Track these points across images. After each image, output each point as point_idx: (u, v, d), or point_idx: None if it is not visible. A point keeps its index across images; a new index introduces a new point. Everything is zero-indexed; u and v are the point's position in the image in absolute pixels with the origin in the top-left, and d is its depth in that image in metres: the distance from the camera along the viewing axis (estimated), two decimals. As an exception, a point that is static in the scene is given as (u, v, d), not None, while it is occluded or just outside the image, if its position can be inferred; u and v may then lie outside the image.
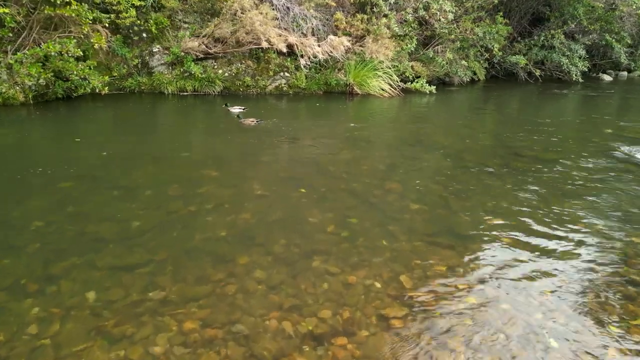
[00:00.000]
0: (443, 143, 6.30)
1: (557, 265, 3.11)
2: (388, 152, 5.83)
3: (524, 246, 3.37)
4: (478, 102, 10.48)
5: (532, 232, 3.60)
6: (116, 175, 4.61)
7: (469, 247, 3.33)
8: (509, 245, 3.37)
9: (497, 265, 3.09)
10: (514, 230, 3.61)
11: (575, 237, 3.55)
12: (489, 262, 3.13)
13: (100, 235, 3.36)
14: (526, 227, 3.69)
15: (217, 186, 4.38)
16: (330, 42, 9.68)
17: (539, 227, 3.68)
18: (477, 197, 4.29)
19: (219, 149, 5.79)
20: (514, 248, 3.33)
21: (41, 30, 7.74)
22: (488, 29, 11.82)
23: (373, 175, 4.88)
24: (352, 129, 7.30)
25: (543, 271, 3.04)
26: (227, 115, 7.62)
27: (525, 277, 2.96)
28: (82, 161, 5.08)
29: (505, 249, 3.32)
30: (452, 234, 3.53)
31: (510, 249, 3.32)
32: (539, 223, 3.76)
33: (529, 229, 3.65)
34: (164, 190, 4.23)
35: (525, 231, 3.61)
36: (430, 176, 4.87)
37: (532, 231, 3.61)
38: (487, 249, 3.33)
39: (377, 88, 10.12)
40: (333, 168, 5.08)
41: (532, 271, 3.03)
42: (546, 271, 3.04)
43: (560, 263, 3.15)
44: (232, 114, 7.51)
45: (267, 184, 4.49)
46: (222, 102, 8.54)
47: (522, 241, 3.44)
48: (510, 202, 4.21)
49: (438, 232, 3.54)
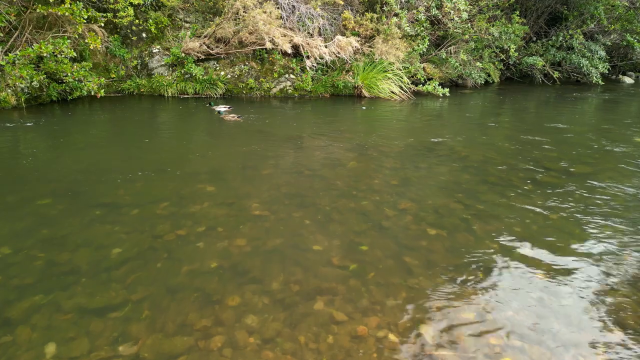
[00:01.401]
0: (460, 153, 5.80)
1: (615, 318, 2.62)
2: (400, 163, 5.34)
3: (563, 282, 2.87)
4: (494, 106, 9.94)
5: (572, 265, 3.10)
6: (101, 191, 4.19)
7: (499, 286, 2.84)
8: (546, 283, 2.87)
9: (534, 312, 2.60)
10: (549, 262, 3.12)
11: (627, 271, 3.05)
12: (523, 307, 2.64)
13: (74, 265, 2.94)
14: (563, 257, 3.19)
15: (211, 204, 3.94)
16: (338, 43, 9.20)
17: (580, 260, 3.18)
18: (502, 220, 3.80)
19: (217, 158, 5.35)
20: (551, 285, 2.84)
21: (34, 30, 7.37)
22: (504, 29, 11.25)
23: (385, 191, 4.41)
24: (361, 135, 6.82)
25: (597, 323, 2.54)
26: (213, 113, 7.77)
27: (571, 329, 2.47)
28: (67, 173, 4.67)
29: (542, 288, 2.83)
30: (478, 267, 3.05)
31: (548, 287, 2.83)
32: (578, 254, 3.26)
33: (566, 260, 3.15)
34: (152, 209, 3.80)
35: (563, 263, 3.11)
36: (449, 193, 4.38)
37: (572, 264, 3.11)
38: (520, 288, 2.84)
39: (387, 91, 9.63)
40: (340, 182, 4.61)
41: (581, 324, 2.54)
42: (602, 323, 2.55)
43: (618, 315, 2.65)
44: (216, 112, 7.73)
45: (267, 202, 4.04)
46: (224, 104, 8.12)
47: (560, 277, 2.95)
48: (541, 225, 3.71)
49: (462, 266, 3.06)
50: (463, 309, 2.58)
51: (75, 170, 4.75)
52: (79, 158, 5.20)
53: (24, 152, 5.46)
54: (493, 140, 6.54)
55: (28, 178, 4.48)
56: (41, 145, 5.83)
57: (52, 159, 5.24)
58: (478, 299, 2.69)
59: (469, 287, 2.82)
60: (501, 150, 5.97)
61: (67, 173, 4.68)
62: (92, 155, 5.32)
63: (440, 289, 2.78)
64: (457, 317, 2.51)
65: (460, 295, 2.72)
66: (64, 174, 4.67)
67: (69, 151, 5.56)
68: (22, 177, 4.52)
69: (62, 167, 4.91)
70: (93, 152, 5.47)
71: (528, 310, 2.61)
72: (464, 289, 2.79)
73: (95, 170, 4.75)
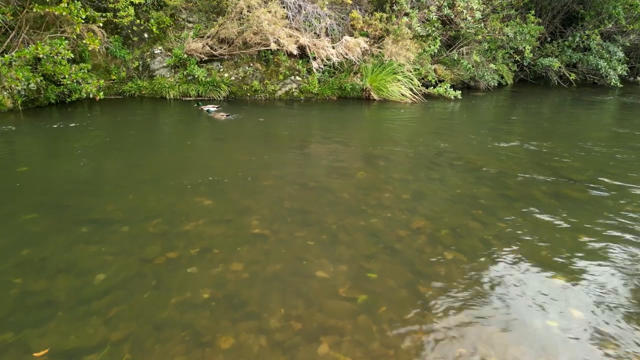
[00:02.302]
0: (475, 162, 5.44)
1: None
2: (412, 174, 5.00)
3: (605, 321, 2.52)
4: (509, 110, 9.53)
5: (614, 300, 2.74)
6: (91, 204, 3.90)
7: (530, 332, 2.49)
8: (584, 324, 2.52)
9: (573, 357, 2.25)
10: (587, 296, 2.76)
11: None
12: (562, 352, 2.29)
13: (51, 295, 2.64)
14: (602, 287, 2.83)
15: (207, 221, 3.63)
16: (346, 43, 8.87)
17: (622, 287, 2.82)
18: (527, 241, 3.44)
19: (217, 167, 5.05)
20: (592, 324, 2.48)
21: (31, 31, 7.13)
22: (519, 29, 10.82)
23: (396, 206, 4.07)
24: (370, 141, 6.49)
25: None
26: (201, 113, 7.73)
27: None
28: (59, 182, 4.39)
29: (581, 329, 2.47)
30: (503, 304, 2.70)
31: (587, 329, 2.47)
32: (618, 282, 2.89)
33: (607, 292, 2.79)
34: (144, 227, 3.50)
35: (602, 295, 2.75)
36: (465, 209, 4.03)
37: (612, 297, 2.75)
38: (557, 330, 2.48)
39: (397, 93, 9.27)
40: (348, 195, 4.28)
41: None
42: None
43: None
44: (205, 111, 7.76)
45: (268, 218, 3.72)
46: (228, 107, 7.83)
47: (603, 314, 2.59)
48: (571, 248, 3.35)
49: (485, 301, 2.71)
50: (490, 357, 2.24)
51: (67, 180, 4.47)
52: (73, 166, 4.92)
53: (17, 158, 5.20)
54: (509, 148, 6.16)
55: (17, 188, 4.21)
56: (35, 151, 5.57)
57: (45, 166, 4.97)
58: (507, 347, 2.34)
59: (496, 329, 2.47)
60: (519, 159, 5.60)
61: (59, 183, 4.41)
62: (87, 162, 5.04)
63: (462, 331, 2.44)
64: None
65: (486, 339, 2.38)
66: (55, 183, 4.39)
67: (64, 158, 5.29)
68: (12, 187, 4.24)
69: (55, 175, 4.64)
70: (88, 159, 5.19)
71: (567, 356, 2.26)
72: (490, 332, 2.45)
73: (88, 180, 4.47)
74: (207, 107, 7.81)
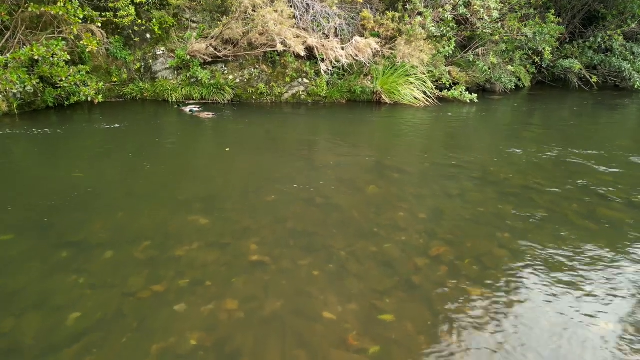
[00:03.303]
0: (497, 174, 5.00)
1: None
2: (428, 188, 4.58)
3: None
4: (528, 115, 9.04)
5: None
6: (77, 223, 3.56)
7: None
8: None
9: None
10: (639, 349, 2.33)
11: None
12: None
13: (16, 339, 2.29)
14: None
15: (201, 244, 3.26)
16: (356, 44, 8.45)
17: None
18: (565, 273, 3.01)
19: (217, 179, 4.68)
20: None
21: (27, 31, 6.84)
22: (539, 29, 10.30)
23: (412, 227, 3.66)
24: (381, 149, 6.08)
25: None
26: (181, 115, 7.53)
27: None
28: (46, 195, 4.06)
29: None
30: (539, 356, 2.28)
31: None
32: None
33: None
34: (130, 252, 3.14)
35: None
36: (490, 232, 3.61)
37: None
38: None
39: (409, 96, 8.84)
40: (358, 214, 3.88)
41: None
42: None
43: None
44: (185, 112, 7.60)
45: (268, 242, 3.34)
46: (232, 111, 7.48)
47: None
48: (619, 284, 2.91)
49: (523, 352, 2.29)
50: None
51: (57, 192, 4.13)
52: (66, 175, 4.60)
53: (5, 167, 4.89)
54: (532, 158, 5.70)
55: (1, 203, 3.89)
56: (27, 158, 5.27)
57: (35, 176, 4.64)
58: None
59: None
60: (544, 171, 5.14)
61: (46, 196, 4.07)
62: (81, 171, 4.71)
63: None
64: None
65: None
66: (42, 196, 4.05)
67: (56, 167, 4.97)
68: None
69: (45, 187, 4.30)
70: (83, 167, 4.87)
71: None
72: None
73: (80, 193, 4.13)
74: (190, 108, 7.72)
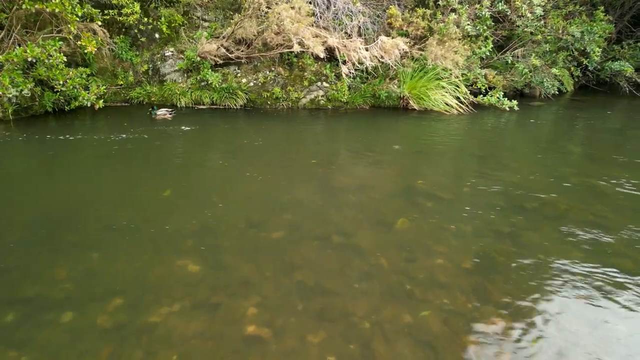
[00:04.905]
0: (554, 205, 4.11)
1: None
2: (471, 224, 3.74)
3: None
4: (576, 125, 8.00)
5: None
6: (39, 266, 2.90)
7: None
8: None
9: None
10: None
11: None
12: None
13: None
14: None
15: (185, 305, 2.54)
16: (382, 45, 7.63)
17: None
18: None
19: (216, 205, 3.96)
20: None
21: (23, 30, 6.31)
22: (587, 28, 9.20)
23: (456, 284, 2.84)
24: (410, 167, 5.26)
25: None
26: (154, 123, 6.80)
27: None
28: (11, 227, 3.42)
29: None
30: None
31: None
32: None
33: None
34: (93, 315, 2.45)
35: None
36: (563, 296, 2.75)
37: None
38: None
39: (441, 103, 7.95)
40: (386, 262, 3.08)
41: None
42: None
43: None
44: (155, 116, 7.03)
45: (271, 303, 2.59)
46: (244, 117, 6.78)
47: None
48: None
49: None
50: None
51: (27, 222, 3.50)
52: (46, 196, 3.97)
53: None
54: (591, 181, 4.77)
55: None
56: (9, 173, 4.68)
57: (11, 197, 4.04)
58: None
59: None
60: (610, 201, 4.21)
61: (15, 226, 3.44)
62: (65, 192, 4.10)
63: None
64: None
65: None
66: (10, 227, 3.42)
67: (39, 184, 4.35)
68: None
69: (15, 214, 3.68)
70: (68, 187, 4.26)
71: None
72: None
73: (54, 223, 3.49)
74: (161, 110, 7.08)
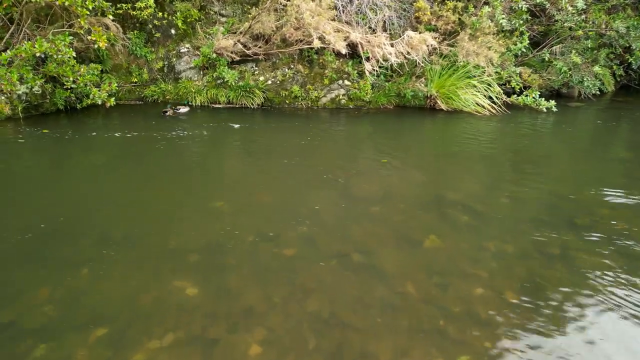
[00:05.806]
0: (608, 222, 3.55)
1: None
2: (513, 243, 3.23)
3: None
4: (623, 128, 7.29)
5: None
6: (20, 285, 2.58)
7: None
8: None
9: None
10: None
11: None
12: None
13: None
14: None
15: (178, 339, 2.18)
16: (408, 40, 7.12)
17: None
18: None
19: (225, 216, 3.58)
20: None
21: (34, 25, 6.11)
22: (633, 23, 8.41)
23: (499, 322, 2.36)
24: (439, 174, 4.76)
25: None
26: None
27: None
28: (3, 238, 3.13)
29: None
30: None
31: None
32: None
33: None
34: (71, 348, 2.11)
35: None
36: (622, 329, 2.23)
37: None
38: None
39: (472, 103, 7.37)
40: (414, 290, 2.62)
41: None
42: None
43: None
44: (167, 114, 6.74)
45: (278, 340, 2.18)
46: (262, 117, 6.40)
47: None
48: None
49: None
50: None
51: (22, 229, 3.21)
52: (45, 201, 3.69)
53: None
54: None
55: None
56: (12, 174, 4.44)
57: (9, 201, 3.77)
58: None
59: None
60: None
61: (5, 238, 3.15)
62: (66, 197, 3.81)
63: None
64: None
65: None
66: (3, 237, 3.14)
67: (40, 188, 4.08)
68: None
69: (11, 220, 3.40)
70: (70, 191, 3.98)
71: None
72: None
73: (47, 232, 3.18)
74: (179, 110, 6.91)
